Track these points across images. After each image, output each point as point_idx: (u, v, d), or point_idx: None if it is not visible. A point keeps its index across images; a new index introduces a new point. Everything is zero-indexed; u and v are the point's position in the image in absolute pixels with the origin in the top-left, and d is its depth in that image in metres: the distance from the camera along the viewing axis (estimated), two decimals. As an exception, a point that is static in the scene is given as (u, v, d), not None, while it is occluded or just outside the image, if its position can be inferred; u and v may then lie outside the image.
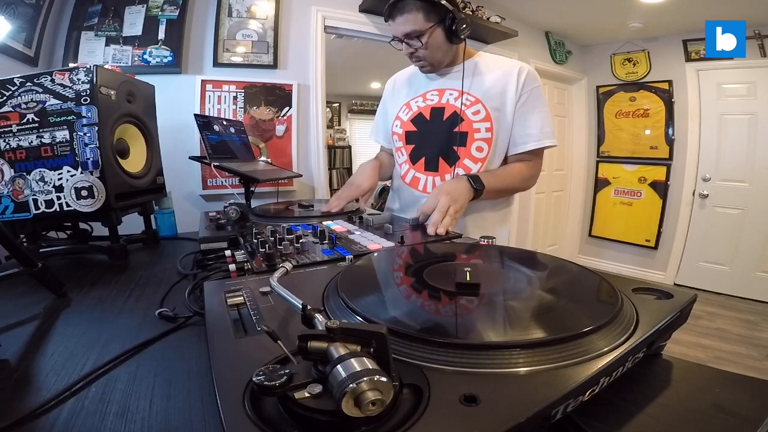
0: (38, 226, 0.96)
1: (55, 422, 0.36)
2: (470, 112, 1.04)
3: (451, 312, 0.43)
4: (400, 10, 0.96)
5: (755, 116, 2.90)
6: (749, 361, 2.17)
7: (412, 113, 1.13)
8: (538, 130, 1.03)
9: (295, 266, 0.55)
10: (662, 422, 0.32)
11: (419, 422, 0.25)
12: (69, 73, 0.86)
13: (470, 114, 1.04)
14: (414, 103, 1.14)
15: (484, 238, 0.70)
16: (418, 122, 1.12)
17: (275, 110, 2.10)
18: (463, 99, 1.05)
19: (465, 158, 1.06)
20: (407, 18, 0.96)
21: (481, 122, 1.04)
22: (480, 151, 1.05)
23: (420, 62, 1.05)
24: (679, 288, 0.46)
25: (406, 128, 1.14)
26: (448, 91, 1.08)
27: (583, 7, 2.82)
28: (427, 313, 0.43)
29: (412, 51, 1.02)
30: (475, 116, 1.04)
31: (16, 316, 0.60)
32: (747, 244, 2.98)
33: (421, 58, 1.03)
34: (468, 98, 1.05)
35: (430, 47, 1.00)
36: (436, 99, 1.10)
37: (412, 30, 0.97)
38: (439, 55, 1.03)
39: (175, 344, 0.51)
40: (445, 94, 1.09)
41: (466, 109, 1.05)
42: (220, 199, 1.95)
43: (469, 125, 1.04)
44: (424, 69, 1.08)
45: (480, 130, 1.04)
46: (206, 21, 1.96)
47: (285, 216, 1.04)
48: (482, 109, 1.04)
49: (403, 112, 1.16)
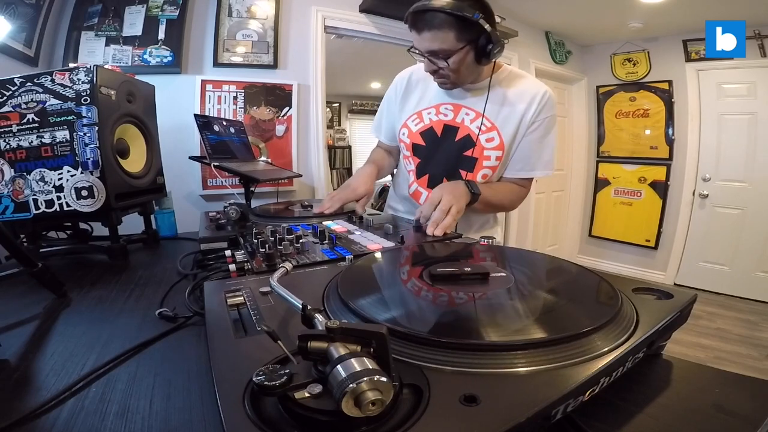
0: (38, 226, 0.96)
1: (55, 422, 0.36)
2: (484, 138, 1.00)
3: (451, 312, 0.43)
4: (428, 24, 0.84)
5: (755, 116, 2.90)
6: (749, 361, 2.17)
7: (423, 126, 1.07)
8: (539, 161, 1.01)
9: (295, 266, 0.55)
10: (662, 422, 0.32)
11: (419, 422, 0.25)
12: (69, 73, 0.86)
13: (483, 140, 1.00)
14: (426, 115, 1.07)
15: (484, 238, 0.70)
16: (428, 137, 1.07)
17: (275, 110, 2.10)
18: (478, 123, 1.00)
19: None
20: (436, 35, 0.85)
21: (492, 150, 1.00)
22: (484, 178, 1.03)
23: (442, 80, 0.98)
24: (679, 288, 0.46)
25: (414, 140, 1.09)
26: (464, 110, 1.03)
27: (583, 7, 2.82)
28: (427, 313, 0.43)
29: (435, 69, 0.93)
30: (489, 143, 1.00)
31: (16, 316, 0.60)
32: (747, 244, 2.98)
33: (444, 77, 0.96)
34: (485, 123, 1.00)
35: (457, 67, 0.90)
36: (450, 116, 1.04)
37: (439, 49, 0.87)
38: (465, 75, 0.96)
39: (175, 344, 0.51)
40: (461, 113, 1.03)
41: (481, 135, 1.00)
42: (220, 199, 1.95)
43: (480, 151, 1.01)
44: (445, 86, 1.02)
45: (490, 158, 1.01)
46: (206, 21, 1.96)
47: (285, 216, 1.04)
48: (497, 137, 1.00)
49: (413, 121, 1.09)
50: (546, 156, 1.02)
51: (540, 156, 1.02)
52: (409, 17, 0.87)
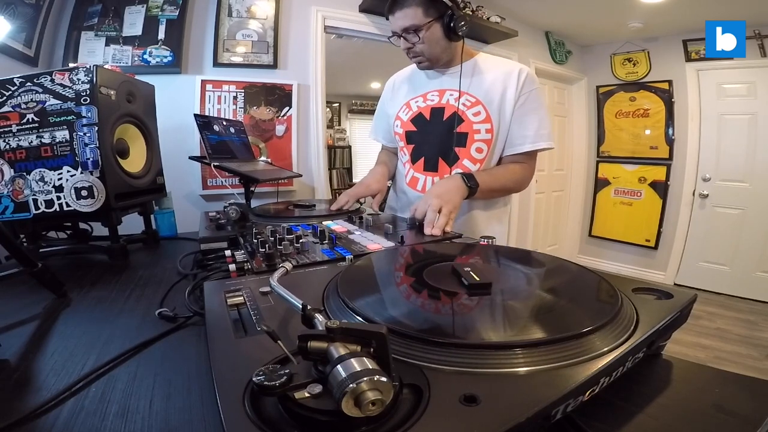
0: (38, 226, 0.96)
1: (55, 422, 0.36)
2: (471, 113, 1.04)
3: (451, 312, 0.43)
4: (399, 5, 0.98)
5: (755, 116, 2.90)
6: (749, 361, 2.17)
7: (412, 113, 1.13)
8: (534, 132, 1.03)
9: (295, 266, 0.55)
10: (662, 422, 0.32)
11: (419, 422, 0.25)
12: (69, 73, 0.86)
13: (471, 115, 1.04)
14: (414, 103, 1.14)
15: (484, 238, 0.70)
16: (418, 122, 1.12)
17: (275, 110, 2.10)
18: (462, 100, 1.05)
19: (464, 159, 1.06)
20: (406, 13, 0.97)
21: (481, 123, 1.04)
22: (479, 152, 1.06)
23: (417, 58, 1.05)
24: (679, 288, 0.46)
25: (406, 128, 1.14)
26: (448, 92, 1.08)
27: (583, 7, 2.82)
28: (427, 313, 0.43)
29: (409, 46, 1.02)
30: (476, 117, 1.04)
31: (16, 316, 0.60)
32: (747, 244, 2.98)
33: (419, 54, 1.03)
34: (468, 99, 1.05)
35: (428, 42, 1.00)
36: (436, 99, 1.10)
37: (410, 24, 0.98)
38: (437, 51, 1.03)
39: (175, 344, 0.51)
40: (446, 95, 1.09)
41: (467, 110, 1.05)
42: (220, 199, 1.95)
43: (469, 126, 1.04)
44: (422, 65, 1.08)
45: (480, 131, 1.04)
46: (206, 21, 1.96)
47: (285, 216, 1.04)
48: (483, 111, 1.04)
49: (403, 112, 1.16)
50: (544, 128, 1.04)
51: (536, 128, 1.03)
52: (386, 7, 1.01)
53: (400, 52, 1.08)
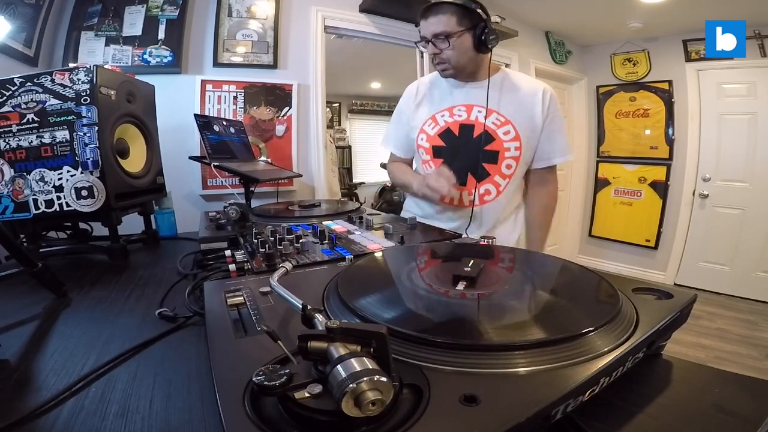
0: (38, 226, 0.96)
1: (55, 422, 0.36)
2: (501, 132, 1.08)
3: (451, 312, 0.43)
4: (435, 11, 1.00)
5: (755, 116, 2.89)
6: (749, 361, 2.17)
7: (439, 128, 1.13)
8: (561, 147, 1.13)
9: (295, 266, 0.55)
10: (662, 422, 0.32)
11: (419, 422, 0.25)
12: (69, 73, 0.86)
13: (501, 134, 1.08)
14: (440, 118, 1.14)
15: (483, 238, 0.70)
16: (447, 137, 1.12)
17: (275, 110, 2.10)
18: (492, 118, 1.09)
19: (496, 175, 1.10)
20: (440, 19, 1.00)
21: (511, 142, 1.08)
22: (509, 168, 1.11)
23: (443, 65, 1.07)
24: (679, 288, 0.46)
25: (433, 143, 1.14)
26: (476, 108, 1.10)
27: (583, 7, 2.81)
28: (427, 313, 0.43)
29: (437, 52, 1.04)
30: (506, 136, 1.08)
31: (16, 316, 0.60)
32: (747, 244, 2.98)
33: (445, 61, 1.05)
34: (498, 118, 1.09)
35: (457, 50, 1.02)
36: (464, 115, 1.11)
37: (442, 31, 1.00)
38: (464, 61, 1.05)
39: (175, 344, 0.51)
40: (473, 111, 1.11)
41: (497, 129, 1.09)
42: (220, 199, 1.95)
43: (500, 144, 1.08)
44: (446, 73, 1.09)
45: (510, 149, 1.09)
46: (206, 21, 1.95)
47: (285, 216, 1.04)
48: (512, 130, 1.08)
49: (429, 126, 1.15)
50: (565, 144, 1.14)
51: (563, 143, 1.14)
52: (420, 12, 1.04)
53: (400, 53, 1.09)
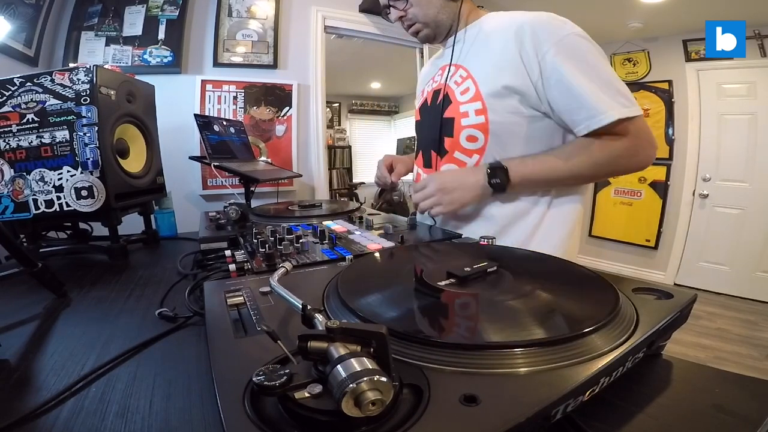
0: (38, 226, 0.96)
1: (55, 422, 0.36)
2: (459, 91, 0.81)
3: (451, 312, 0.43)
4: None
5: (755, 116, 2.90)
6: (749, 361, 2.17)
7: (421, 101, 0.99)
8: (588, 102, 0.70)
9: (295, 266, 0.55)
10: (662, 422, 0.32)
11: (419, 422, 0.25)
12: (69, 73, 0.86)
13: (458, 94, 0.81)
14: (426, 89, 0.97)
15: (483, 238, 0.70)
16: (423, 111, 0.97)
17: (275, 110, 2.10)
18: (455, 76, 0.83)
19: (455, 151, 0.83)
20: None
21: (468, 103, 0.79)
22: (472, 141, 0.80)
23: (414, 27, 0.86)
24: (679, 288, 0.46)
25: (416, 118, 1.01)
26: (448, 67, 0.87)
27: (583, 7, 2.81)
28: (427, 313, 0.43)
29: (401, 14, 0.85)
30: (463, 96, 0.80)
31: (16, 316, 0.60)
32: (747, 244, 2.98)
33: (413, 20, 0.85)
34: (461, 74, 0.82)
35: (418, 3, 0.83)
36: (439, 79, 0.91)
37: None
38: (433, 12, 0.83)
39: (175, 344, 0.51)
40: (446, 72, 0.87)
41: (457, 87, 0.82)
42: (220, 199, 1.95)
43: (455, 108, 0.81)
44: (421, 34, 0.88)
45: (468, 114, 0.79)
46: (206, 21, 1.96)
47: (285, 216, 1.04)
48: (472, 86, 0.79)
49: (418, 102, 1.03)
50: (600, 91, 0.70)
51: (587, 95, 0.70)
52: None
53: (400, 53, 1.08)
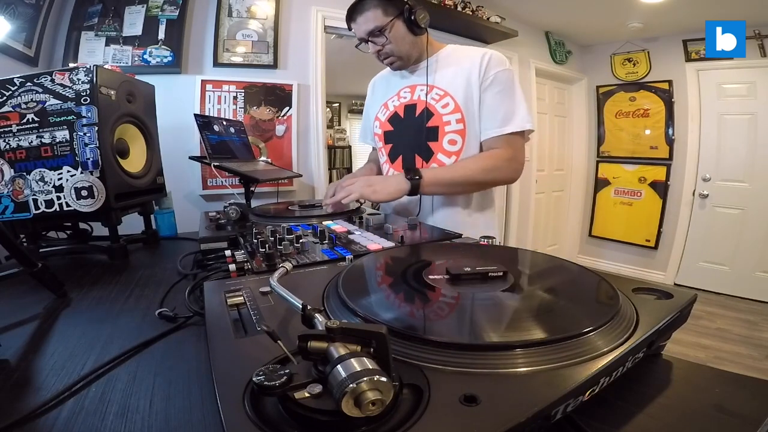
0: (38, 226, 0.96)
1: (55, 422, 0.36)
2: (440, 105, 1.05)
3: (452, 312, 0.43)
4: (359, 11, 1.00)
5: (755, 116, 2.90)
6: (749, 361, 2.17)
7: (389, 113, 1.15)
8: (503, 116, 0.99)
9: (295, 266, 0.55)
10: (662, 422, 0.32)
11: (419, 422, 0.25)
12: (69, 73, 0.86)
13: (439, 107, 1.05)
14: (390, 103, 1.16)
15: (484, 237, 0.70)
16: (394, 121, 1.14)
17: (275, 110, 2.10)
18: (432, 94, 1.06)
19: (438, 153, 1.06)
20: (367, 17, 0.99)
21: (450, 114, 1.03)
22: (453, 144, 1.05)
23: (389, 59, 1.06)
24: (679, 288, 0.46)
25: (384, 128, 1.17)
26: (419, 87, 1.09)
27: (583, 7, 2.82)
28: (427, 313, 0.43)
29: (378, 49, 1.03)
30: (445, 109, 1.04)
31: (16, 316, 0.60)
32: (747, 244, 2.98)
33: (389, 54, 1.04)
34: (437, 92, 1.05)
35: (394, 41, 1.01)
36: (408, 96, 1.11)
37: (374, 27, 1.00)
38: (406, 48, 1.04)
39: (175, 344, 0.51)
40: (417, 90, 1.09)
41: (436, 103, 1.05)
42: (220, 199, 1.95)
43: (439, 119, 1.05)
44: (395, 65, 1.08)
45: (450, 123, 1.03)
46: (206, 21, 1.96)
47: (285, 216, 1.04)
48: (451, 102, 1.03)
49: (381, 113, 1.18)
50: (511, 112, 0.99)
51: (506, 111, 1.00)
52: (347, 17, 1.04)
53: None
